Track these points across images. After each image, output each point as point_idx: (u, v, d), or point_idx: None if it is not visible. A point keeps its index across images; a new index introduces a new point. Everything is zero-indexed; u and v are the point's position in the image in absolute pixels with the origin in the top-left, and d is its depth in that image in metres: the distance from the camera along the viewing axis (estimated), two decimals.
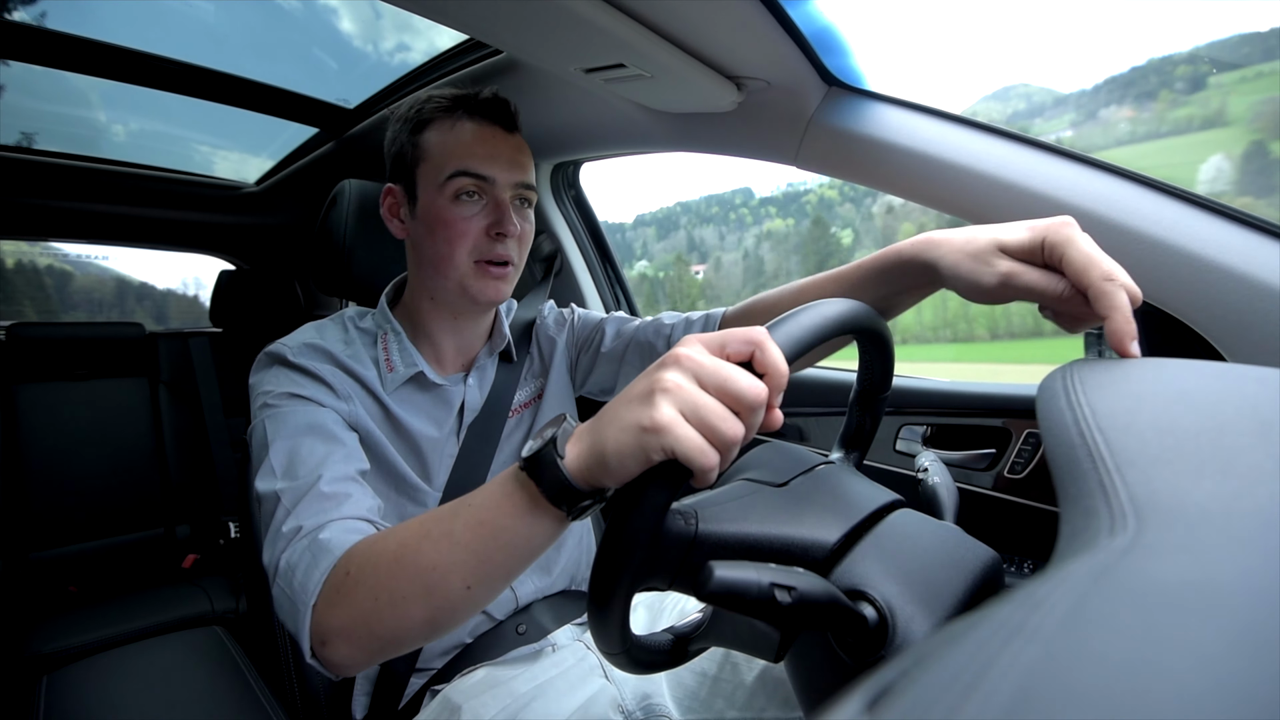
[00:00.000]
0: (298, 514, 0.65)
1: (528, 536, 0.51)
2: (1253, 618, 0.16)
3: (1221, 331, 0.67)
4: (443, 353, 0.91)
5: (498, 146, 0.82)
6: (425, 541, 0.54)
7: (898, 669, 0.17)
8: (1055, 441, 0.32)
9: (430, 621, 0.55)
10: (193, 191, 2.22)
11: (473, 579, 0.53)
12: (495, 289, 0.83)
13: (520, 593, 0.91)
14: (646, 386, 0.43)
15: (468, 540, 0.52)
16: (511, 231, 0.81)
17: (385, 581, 0.55)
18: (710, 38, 0.80)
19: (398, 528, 0.59)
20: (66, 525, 2.00)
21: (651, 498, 0.42)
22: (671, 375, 0.43)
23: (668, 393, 0.42)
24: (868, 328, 0.56)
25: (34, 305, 3.38)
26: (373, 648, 0.57)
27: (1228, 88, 1.60)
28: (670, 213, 5.68)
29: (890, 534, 0.49)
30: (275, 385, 0.78)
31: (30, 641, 1.61)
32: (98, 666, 0.83)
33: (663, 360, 0.44)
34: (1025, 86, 2.78)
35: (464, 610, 0.56)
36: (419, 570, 0.54)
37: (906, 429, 1.08)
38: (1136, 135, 2.05)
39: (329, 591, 0.58)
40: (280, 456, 0.70)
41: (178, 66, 1.49)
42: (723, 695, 0.76)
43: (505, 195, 0.82)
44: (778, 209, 5.40)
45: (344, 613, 0.57)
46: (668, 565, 0.46)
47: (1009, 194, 0.77)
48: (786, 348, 0.46)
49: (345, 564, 0.59)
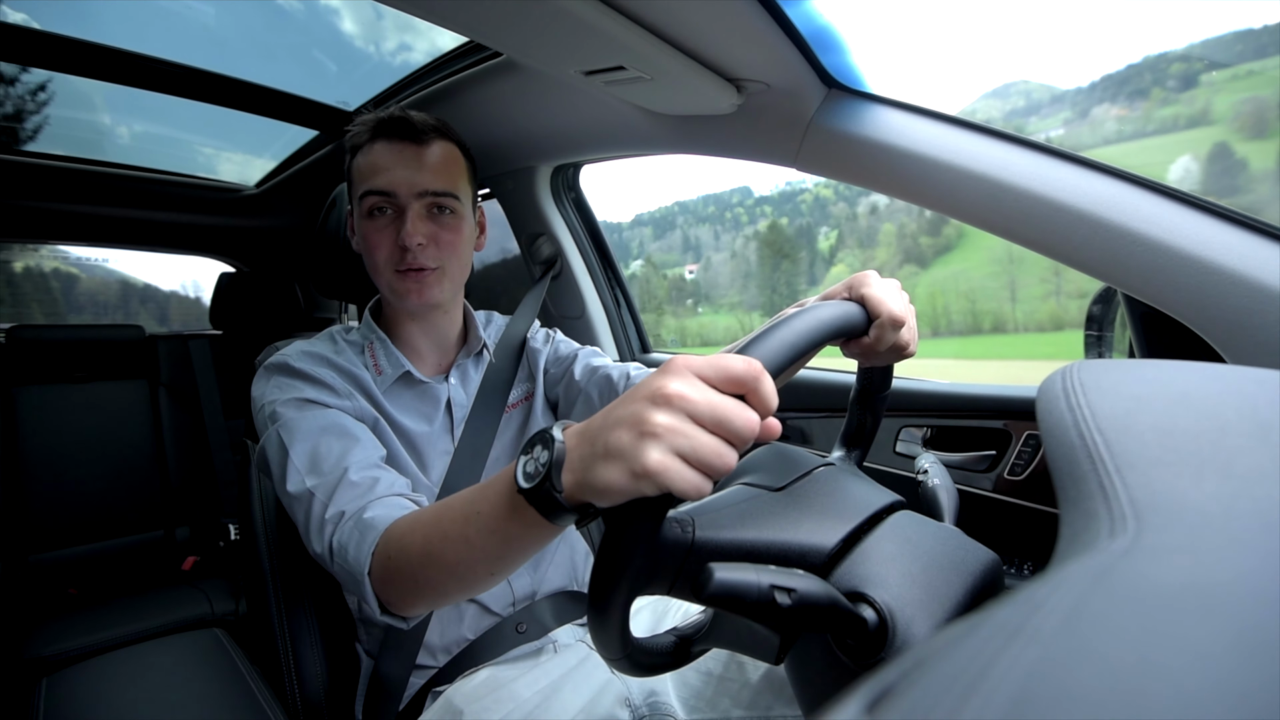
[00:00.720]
0: (336, 501, 0.72)
1: (538, 537, 0.55)
2: (1252, 619, 0.16)
3: (1221, 333, 0.67)
4: (422, 354, 0.97)
5: (398, 161, 0.86)
6: (446, 543, 0.60)
7: (898, 670, 0.17)
8: (1055, 443, 0.32)
9: (465, 592, 0.64)
10: (193, 194, 2.22)
11: (495, 568, 0.59)
12: (418, 293, 0.88)
13: (516, 586, 0.92)
14: (635, 421, 0.42)
15: (483, 544, 0.57)
16: (409, 240, 0.84)
17: (420, 571, 0.63)
18: (710, 40, 0.80)
19: (419, 520, 0.66)
20: (66, 527, 1.99)
21: (645, 516, 0.42)
22: (663, 419, 0.41)
23: (659, 438, 0.41)
24: (860, 330, 0.56)
25: (41, 308, 3.42)
26: (422, 605, 0.67)
27: (1217, 86, 1.60)
28: (668, 212, 5.70)
29: (890, 536, 0.49)
30: (280, 394, 0.82)
31: (30, 644, 1.61)
32: (97, 669, 0.83)
33: (654, 393, 0.43)
34: (1025, 83, 2.79)
35: (494, 584, 0.64)
36: (445, 564, 0.61)
37: (906, 431, 1.08)
38: (1123, 134, 2.06)
39: (379, 568, 0.66)
40: (303, 459, 0.75)
41: (178, 69, 1.49)
42: (729, 694, 0.76)
43: (410, 205, 0.86)
44: (773, 208, 5.41)
45: (394, 589, 0.66)
46: (666, 573, 0.46)
47: (1009, 196, 0.77)
48: (775, 365, 0.46)
49: (386, 547, 0.66)
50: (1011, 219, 0.78)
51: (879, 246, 4.62)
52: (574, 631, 0.93)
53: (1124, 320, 0.85)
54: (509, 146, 1.39)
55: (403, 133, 0.87)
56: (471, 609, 0.90)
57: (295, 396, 0.81)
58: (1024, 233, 0.78)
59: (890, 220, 3.20)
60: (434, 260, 0.88)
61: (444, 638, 0.88)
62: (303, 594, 0.97)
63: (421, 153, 0.87)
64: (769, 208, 5.41)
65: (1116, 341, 0.94)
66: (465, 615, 0.89)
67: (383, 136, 0.87)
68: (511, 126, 1.31)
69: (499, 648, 0.87)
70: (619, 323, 1.62)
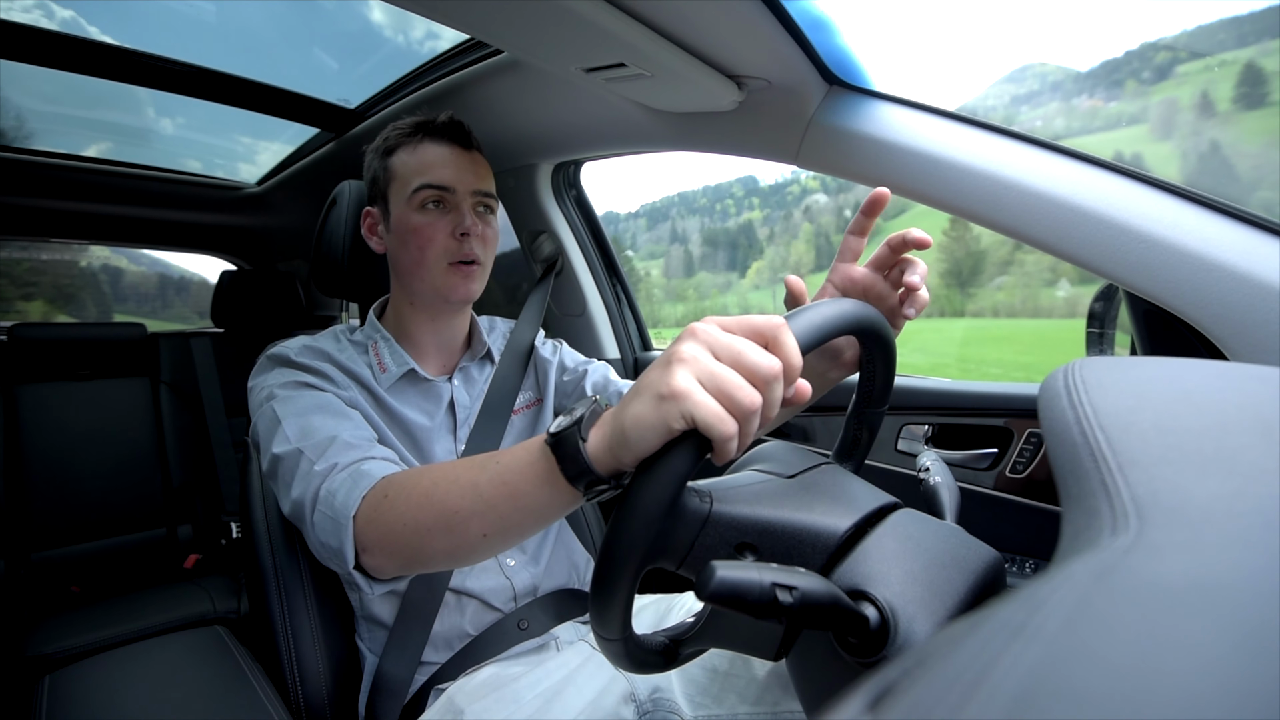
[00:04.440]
0: (328, 457, 0.73)
1: (544, 504, 0.55)
2: (1255, 617, 0.16)
3: (1224, 330, 0.67)
4: (427, 355, 0.99)
5: (455, 161, 0.92)
6: (453, 486, 0.60)
7: (900, 669, 0.17)
8: (1057, 441, 0.32)
9: (449, 554, 0.62)
10: (194, 192, 2.23)
11: (490, 528, 0.58)
12: (465, 287, 0.92)
13: (516, 581, 0.92)
14: (664, 359, 0.45)
15: (490, 495, 0.57)
16: (473, 230, 0.90)
17: (414, 512, 0.62)
18: (711, 37, 0.80)
19: (431, 467, 0.66)
20: (68, 525, 2.00)
21: (671, 466, 0.42)
22: (688, 347, 0.44)
23: (684, 362, 0.43)
24: (878, 333, 0.56)
25: (94, 303, 3.62)
26: (399, 562, 0.66)
27: (1183, 78, 1.59)
28: (669, 202, 5.74)
29: (892, 534, 0.49)
30: (279, 379, 0.84)
31: (32, 642, 1.61)
32: (99, 667, 0.83)
33: (678, 337, 0.46)
34: (1042, 66, 2.77)
35: (479, 553, 0.62)
36: (444, 510, 0.60)
37: (908, 429, 1.08)
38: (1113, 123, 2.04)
39: (367, 509, 0.66)
40: (293, 429, 0.77)
41: (178, 67, 1.49)
42: (735, 690, 0.76)
43: (465, 202, 0.91)
44: (761, 200, 5.45)
45: (377, 529, 0.65)
46: (680, 543, 0.46)
47: (1010, 193, 0.77)
48: (803, 338, 0.46)
49: (384, 487, 0.67)
50: (1013, 215, 0.78)
51: (798, 241, 4.71)
52: (576, 630, 0.93)
53: (1126, 317, 0.85)
54: (510, 144, 1.39)
55: (455, 136, 0.93)
56: (473, 604, 0.90)
57: (293, 380, 0.83)
58: (1025, 229, 0.78)
59: (810, 222, 3.26)
60: (483, 255, 0.93)
61: (446, 635, 0.88)
62: (304, 592, 0.97)
63: (472, 156, 0.94)
64: (757, 199, 5.47)
65: (1118, 339, 0.93)
66: (467, 610, 0.89)
67: (432, 137, 0.92)
68: (512, 124, 1.31)
69: (501, 644, 0.88)
70: (620, 320, 1.62)
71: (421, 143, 0.92)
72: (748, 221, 5.13)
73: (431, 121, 0.93)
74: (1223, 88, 1.41)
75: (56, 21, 1.46)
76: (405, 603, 0.87)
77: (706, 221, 5.54)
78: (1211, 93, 1.49)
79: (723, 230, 5.27)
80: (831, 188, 4.75)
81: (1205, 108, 1.54)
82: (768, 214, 5.28)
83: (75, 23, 1.43)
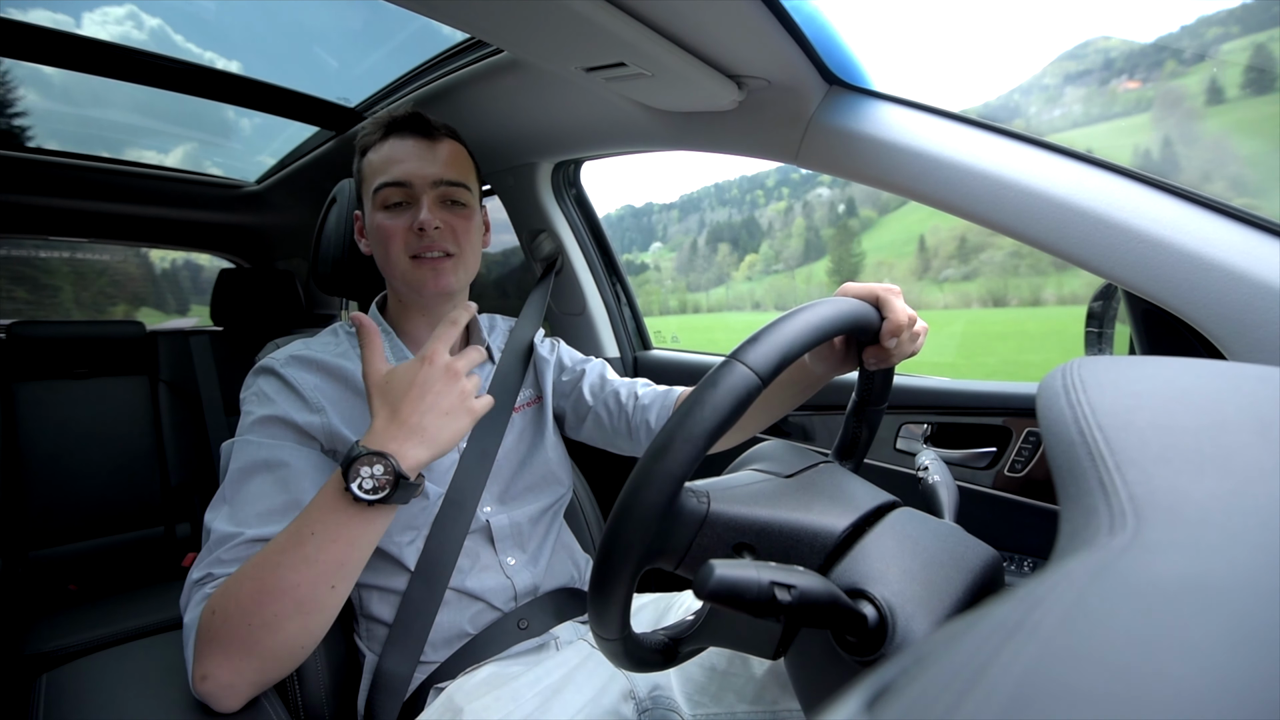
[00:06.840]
0: (205, 563, 0.71)
1: (381, 528, 0.68)
2: (1252, 616, 0.16)
3: (1222, 330, 0.67)
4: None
5: (415, 154, 0.90)
6: (283, 569, 0.64)
7: (898, 667, 0.17)
8: (1055, 440, 0.32)
9: (305, 630, 0.66)
10: (194, 190, 2.22)
11: (337, 578, 0.66)
12: (434, 279, 0.90)
13: (517, 581, 0.92)
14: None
15: (325, 557, 0.64)
16: (428, 224, 0.87)
17: (255, 610, 0.63)
18: (711, 36, 0.80)
19: (244, 567, 0.67)
20: (66, 524, 1.99)
21: (663, 469, 0.42)
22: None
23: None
24: (869, 329, 0.56)
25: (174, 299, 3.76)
26: (252, 668, 0.65)
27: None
28: (706, 193, 5.80)
29: (890, 532, 0.49)
30: (255, 406, 0.84)
31: (29, 640, 1.61)
32: (97, 665, 0.83)
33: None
34: (1105, 39, 2.70)
35: (333, 607, 0.67)
36: (285, 590, 0.63)
37: (907, 428, 1.08)
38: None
39: (201, 639, 0.66)
40: (230, 488, 0.77)
41: (178, 65, 1.48)
42: (733, 688, 0.76)
43: (425, 194, 0.89)
44: (790, 190, 5.49)
45: (219, 647, 0.64)
46: (678, 544, 0.46)
47: (1010, 193, 0.77)
48: (769, 364, 0.46)
49: (209, 609, 0.66)
50: (1012, 215, 0.78)
51: (792, 237, 4.76)
52: (575, 629, 0.93)
53: (1124, 317, 0.85)
54: (510, 142, 1.39)
55: (415, 128, 0.91)
56: (473, 604, 0.90)
57: (263, 414, 0.82)
58: (1024, 229, 0.78)
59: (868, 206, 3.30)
60: (451, 246, 0.91)
61: (445, 632, 0.88)
62: None
63: (434, 146, 0.91)
64: (786, 189, 5.53)
65: (1117, 338, 0.93)
66: (467, 609, 0.89)
67: (395, 133, 0.91)
68: (512, 123, 1.31)
69: (500, 643, 0.88)
70: (620, 319, 1.62)
71: (385, 140, 0.91)
72: (776, 211, 5.19)
73: (396, 118, 0.92)
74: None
75: (54, 20, 1.46)
76: (405, 601, 0.87)
77: (734, 213, 5.62)
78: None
79: (750, 221, 5.35)
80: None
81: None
82: (790, 206, 5.34)
83: (73, 22, 1.43)
